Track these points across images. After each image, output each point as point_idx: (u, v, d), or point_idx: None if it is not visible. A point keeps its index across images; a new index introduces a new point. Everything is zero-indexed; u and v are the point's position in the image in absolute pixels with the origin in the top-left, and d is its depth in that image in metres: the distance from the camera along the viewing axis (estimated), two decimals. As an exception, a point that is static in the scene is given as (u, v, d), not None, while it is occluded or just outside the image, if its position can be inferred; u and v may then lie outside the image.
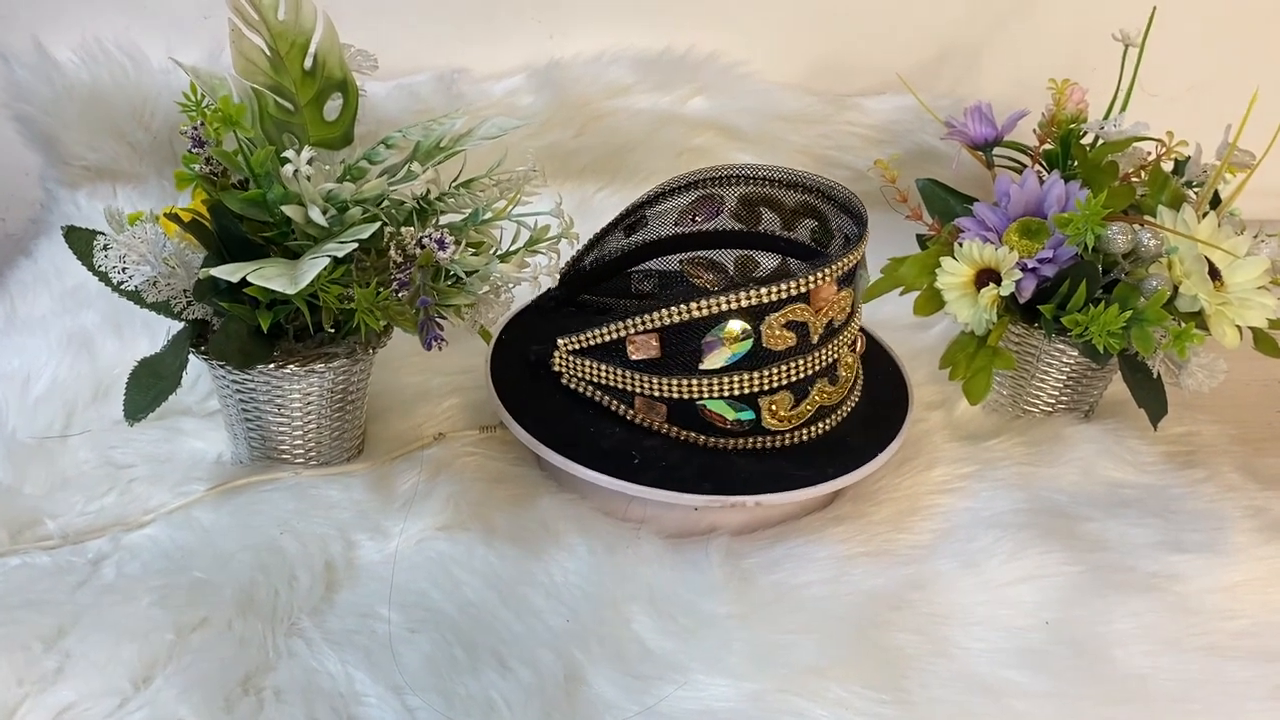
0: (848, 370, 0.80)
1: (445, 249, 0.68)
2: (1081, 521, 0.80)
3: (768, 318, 0.74)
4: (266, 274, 0.64)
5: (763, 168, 0.87)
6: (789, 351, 0.75)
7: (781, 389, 0.76)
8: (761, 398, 0.76)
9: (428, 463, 0.81)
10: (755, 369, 0.75)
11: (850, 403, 0.82)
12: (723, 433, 0.77)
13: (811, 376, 0.77)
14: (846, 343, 0.79)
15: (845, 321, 0.79)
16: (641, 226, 0.89)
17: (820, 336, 0.76)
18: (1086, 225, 0.78)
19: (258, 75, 0.71)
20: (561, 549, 0.75)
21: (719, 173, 0.87)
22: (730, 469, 0.77)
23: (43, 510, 0.74)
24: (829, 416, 0.80)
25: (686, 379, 0.76)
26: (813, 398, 0.78)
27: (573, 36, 1.15)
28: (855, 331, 0.81)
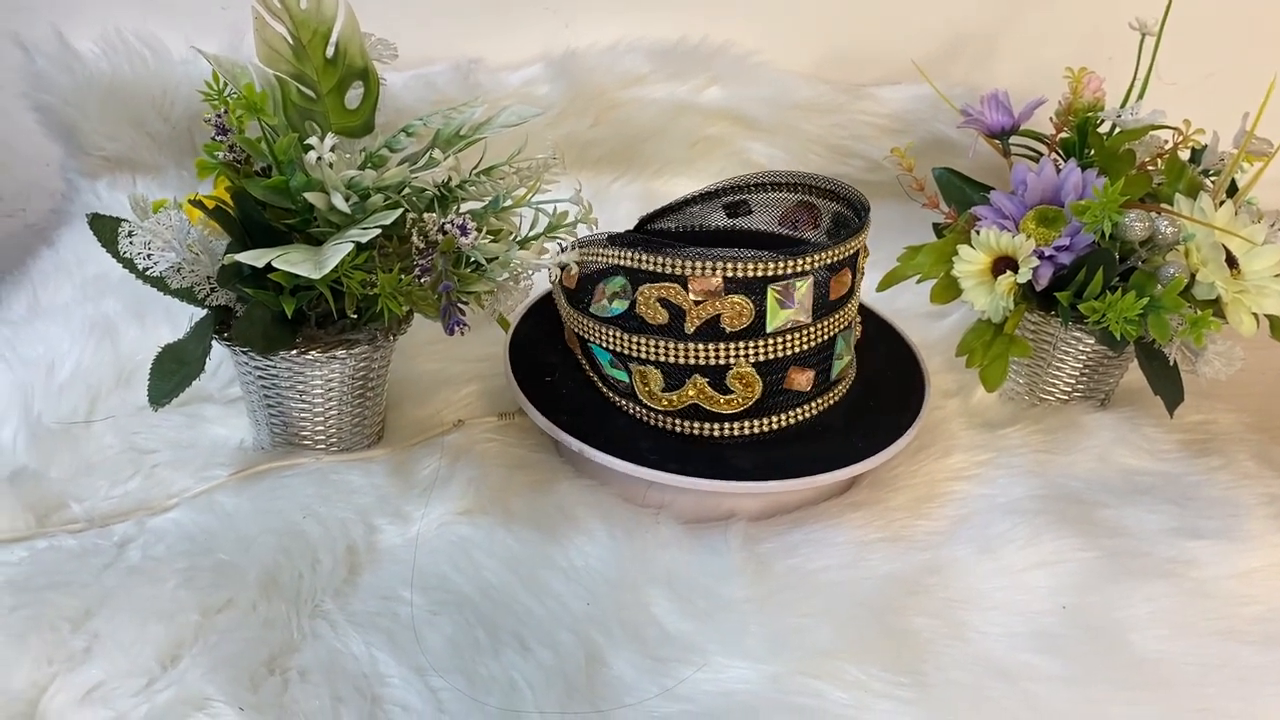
0: (747, 388, 0.77)
1: (467, 234, 0.69)
2: (1097, 508, 0.80)
3: (643, 286, 0.75)
4: (291, 259, 0.64)
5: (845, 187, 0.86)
6: (660, 329, 0.76)
7: (650, 364, 0.77)
8: (632, 363, 0.78)
9: (448, 449, 0.81)
10: (629, 332, 0.77)
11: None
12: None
13: (686, 367, 0.76)
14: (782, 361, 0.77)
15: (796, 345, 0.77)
16: (744, 213, 0.88)
17: (699, 330, 0.74)
18: (1104, 213, 0.78)
19: (280, 63, 0.72)
20: (581, 533, 0.75)
21: (818, 182, 0.87)
22: (751, 454, 0.77)
23: (68, 494, 0.75)
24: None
25: (582, 317, 0.80)
26: (687, 390, 0.77)
27: (588, 26, 1.16)
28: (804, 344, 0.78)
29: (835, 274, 0.77)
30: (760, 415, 0.78)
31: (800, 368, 0.78)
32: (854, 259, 0.79)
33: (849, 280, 0.79)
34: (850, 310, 0.81)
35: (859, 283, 0.81)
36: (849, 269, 0.79)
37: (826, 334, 0.78)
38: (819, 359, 0.79)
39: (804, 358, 0.77)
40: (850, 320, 0.81)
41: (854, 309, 0.82)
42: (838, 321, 0.79)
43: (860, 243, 0.79)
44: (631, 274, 0.76)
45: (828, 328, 0.78)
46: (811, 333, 0.77)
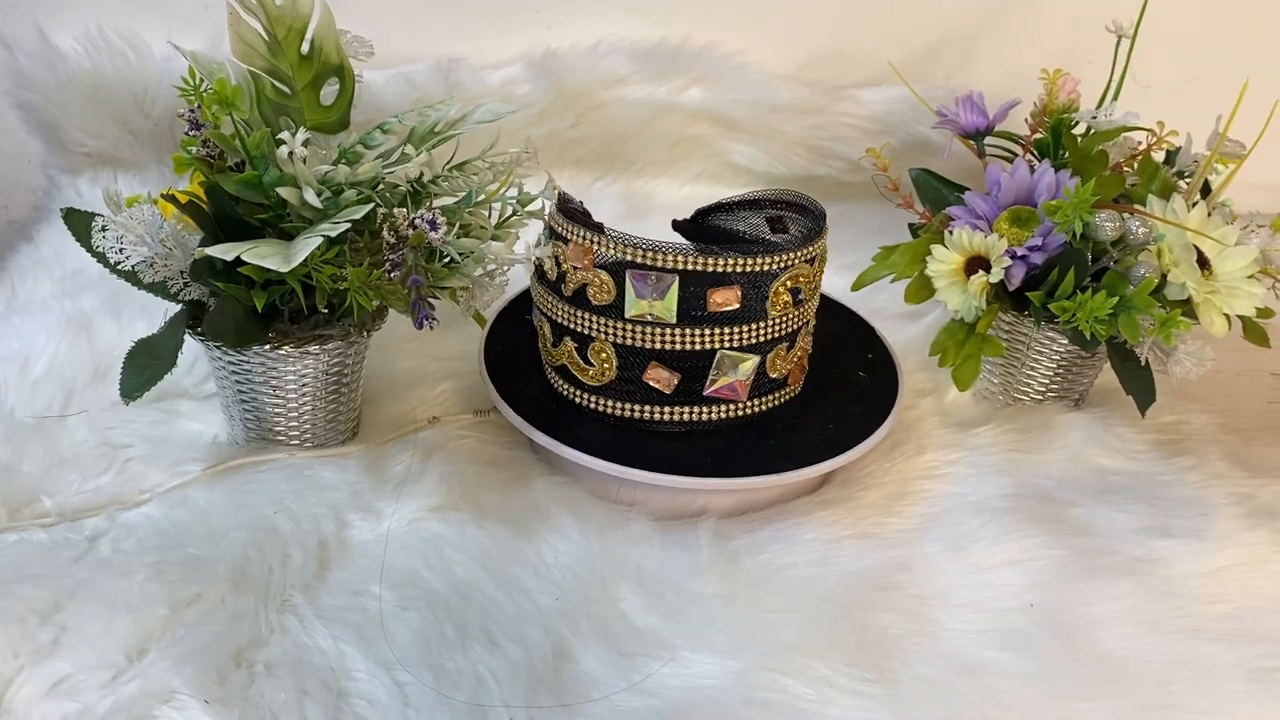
0: (605, 365, 0.78)
1: (437, 229, 0.69)
2: (1068, 506, 0.80)
3: (553, 242, 0.78)
4: (261, 253, 0.65)
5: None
6: (549, 284, 0.80)
7: (544, 316, 0.81)
8: (534, 314, 0.83)
9: (421, 445, 0.82)
10: (539, 283, 0.81)
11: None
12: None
13: (560, 327, 0.80)
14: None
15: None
16: (783, 230, 0.88)
17: (574, 294, 0.77)
18: (1075, 212, 0.78)
19: (255, 59, 0.72)
20: (552, 530, 0.76)
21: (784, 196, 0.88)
22: (724, 451, 0.78)
23: (41, 488, 0.75)
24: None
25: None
26: (562, 349, 0.80)
27: (570, 26, 1.16)
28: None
29: (718, 286, 0.75)
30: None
31: (662, 366, 0.77)
32: (753, 279, 0.76)
33: (736, 298, 0.76)
34: (757, 331, 0.77)
35: (776, 308, 0.77)
36: (739, 287, 0.75)
37: (699, 344, 0.76)
38: (688, 366, 0.77)
39: (667, 358, 0.77)
40: (760, 343, 0.78)
41: (765, 331, 0.78)
42: (725, 338, 0.77)
43: (742, 265, 0.75)
44: (550, 232, 0.79)
45: (702, 338, 0.76)
46: (676, 336, 0.76)
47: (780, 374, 0.81)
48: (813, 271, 0.79)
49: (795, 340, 0.81)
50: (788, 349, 0.80)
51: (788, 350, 0.80)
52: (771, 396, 0.81)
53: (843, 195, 1.22)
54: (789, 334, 0.80)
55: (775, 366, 0.80)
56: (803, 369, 0.84)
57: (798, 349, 0.82)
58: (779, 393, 0.82)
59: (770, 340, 0.78)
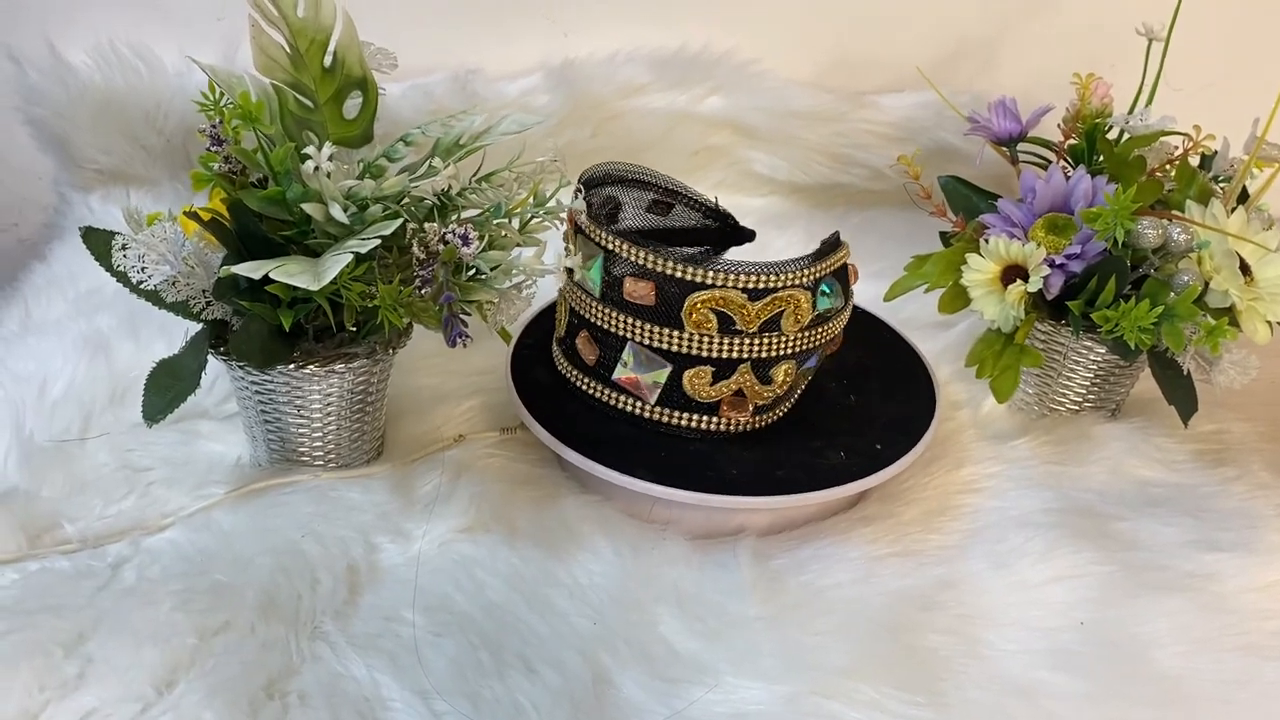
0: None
1: (469, 244, 0.67)
2: (1112, 520, 0.79)
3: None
4: (289, 270, 0.63)
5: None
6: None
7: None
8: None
9: (449, 465, 0.80)
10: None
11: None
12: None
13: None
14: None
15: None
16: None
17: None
18: (1116, 220, 0.77)
19: (277, 72, 0.70)
20: (585, 550, 0.74)
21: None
22: (760, 467, 0.76)
23: (61, 514, 0.73)
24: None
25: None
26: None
27: (587, 35, 1.15)
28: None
29: (634, 276, 0.74)
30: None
31: (589, 337, 0.79)
32: (667, 281, 0.73)
33: (650, 295, 0.74)
34: (671, 339, 0.75)
35: (692, 324, 0.74)
36: (654, 284, 0.74)
37: (613, 326, 0.76)
38: (605, 344, 0.78)
39: (591, 330, 0.79)
40: (673, 353, 0.75)
41: (681, 343, 0.75)
42: (638, 330, 0.75)
43: (656, 263, 0.73)
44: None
45: (616, 322, 0.76)
46: (598, 310, 0.77)
47: (703, 398, 0.76)
48: (755, 310, 0.73)
49: (730, 372, 0.76)
50: (716, 375, 0.75)
51: (717, 377, 0.76)
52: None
53: (867, 203, 1.21)
54: (716, 360, 0.75)
55: (696, 388, 0.76)
56: (745, 409, 0.77)
57: (737, 382, 0.76)
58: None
59: (686, 356, 0.75)
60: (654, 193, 0.89)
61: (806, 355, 0.78)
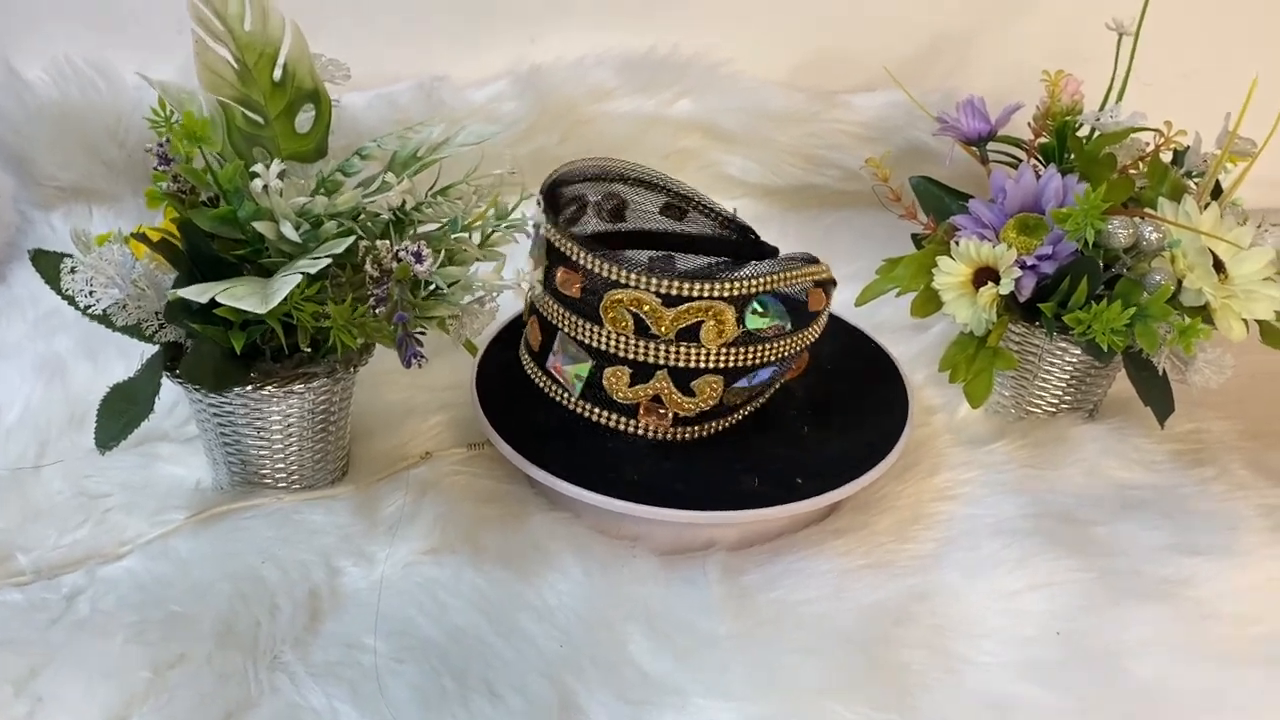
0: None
1: (423, 262, 0.66)
2: (1089, 525, 0.77)
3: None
4: (237, 294, 0.61)
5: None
6: None
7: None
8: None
9: (414, 483, 0.78)
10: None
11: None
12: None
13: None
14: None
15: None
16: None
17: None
18: (1086, 220, 0.75)
19: (225, 88, 0.69)
20: (554, 570, 0.72)
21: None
22: (728, 481, 0.74)
23: (14, 544, 0.71)
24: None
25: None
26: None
27: (553, 39, 1.13)
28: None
29: (563, 266, 0.74)
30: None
31: (537, 322, 0.79)
32: (589, 276, 0.73)
33: (576, 288, 0.74)
34: (592, 334, 0.74)
35: (609, 322, 0.73)
36: (581, 277, 0.73)
37: (550, 314, 0.77)
38: (547, 331, 0.78)
39: (538, 317, 0.79)
40: (593, 349, 0.75)
41: (600, 339, 0.74)
42: (567, 322, 0.75)
43: (581, 256, 0.73)
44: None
45: (551, 311, 0.77)
46: (543, 297, 0.77)
47: (621, 398, 0.75)
48: (670, 317, 0.71)
49: (648, 377, 0.74)
50: (634, 378, 0.74)
51: (635, 380, 0.74)
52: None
53: (840, 203, 1.20)
54: (632, 362, 0.74)
55: (614, 387, 0.75)
56: (665, 417, 0.76)
57: (655, 388, 0.74)
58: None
59: (605, 353, 0.74)
60: (666, 196, 0.86)
61: (736, 373, 0.75)
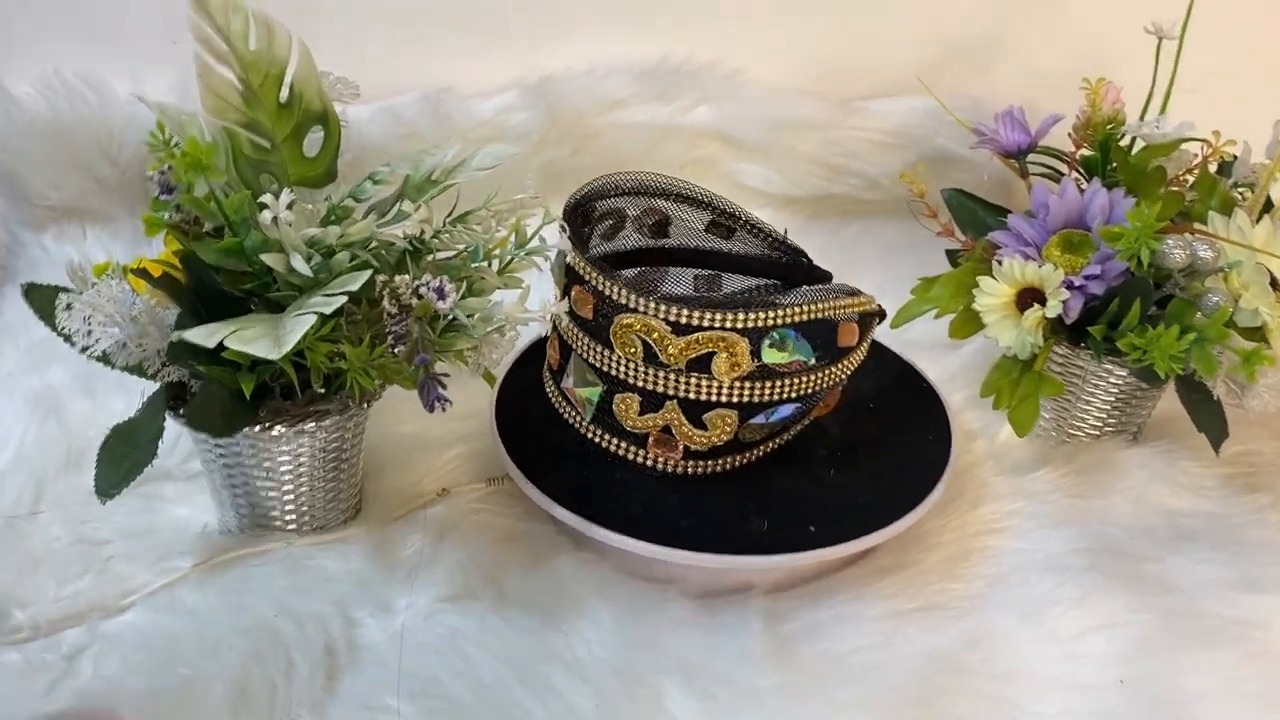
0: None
1: (445, 298, 0.62)
2: (1144, 561, 0.73)
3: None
4: (246, 336, 0.57)
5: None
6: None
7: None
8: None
9: (432, 523, 0.74)
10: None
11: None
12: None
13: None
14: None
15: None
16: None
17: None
18: (1140, 240, 0.71)
19: (230, 113, 0.64)
20: (582, 617, 0.68)
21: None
22: (738, 521, 0.70)
23: (11, 598, 0.67)
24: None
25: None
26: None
27: (563, 49, 1.08)
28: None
29: (578, 285, 0.72)
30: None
31: (556, 343, 0.77)
32: (600, 297, 0.70)
33: (589, 309, 0.71)
34: (605, 358, 0.71)
35: (619, 346, 0.70)
36: (593, 299, 0.70)
37: (570, 336, 0.74)
38: (565, 352, 0.75)
39: (560, 334, 0.76)
40: (605, 373, 0.72)
41: (612, 364, 0.71)
42: (581, 343, 0.73)
43: (593, 276, 0.70)
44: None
45: (570, 332, 0.74)
46: (562, 317, 0.73)
47: (630, 427, 0.72)
48: (680, 346, 0.68)
49: (657, 406, 0.70)
50: (644, 406, 0.71)
51: (644, 409, 0.71)
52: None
53: (862, 213, 1.16)
54: (642, 390, 0.70)
55: (623, 414, 0.72)
56: (675, 449, 0.72)
57: (665, 419, 0.71)
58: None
59: (615, 379, 0.71)
60: (711, 213, 0.82)
61: (751, 409, 0.70)
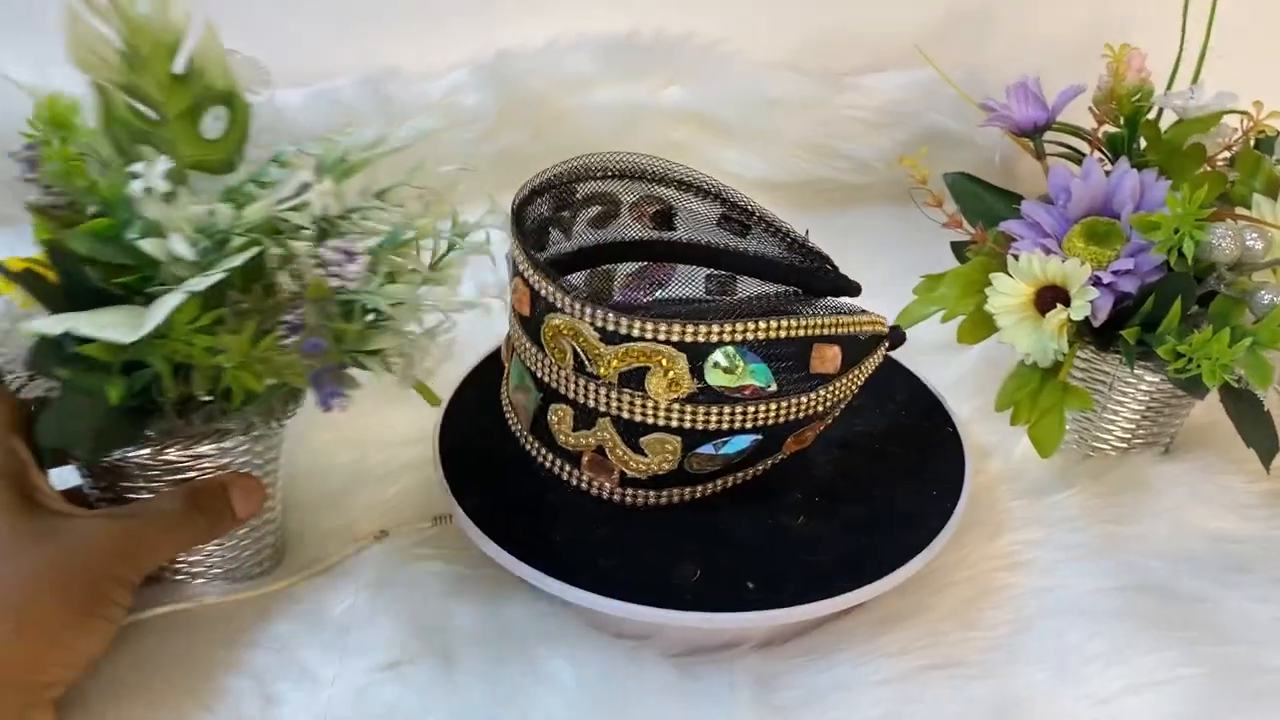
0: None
1: (354, 261, 0.51)
2: (1190, 601, 0.64)
3: None
4: (101, 322, 0.47)
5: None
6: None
7: None
8: None
9: (367, 572, 0.64)
10: None
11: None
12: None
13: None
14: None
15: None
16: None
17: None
18: (1185, 229, 0.62)
19: (104, 69, 0.53)
20: (545, 684, 0.58)
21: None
22: (664, 565, 0.60)
23: None
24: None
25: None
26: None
27: (521, 22, 0.98)
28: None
29: (516, 276, 0.62)
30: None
31: (508, 341, 0.68)
32: (530, 287, 0.60)
33: (526, 301, 0.61)
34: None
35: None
36: (528, 289, 0.60)
37: (513, 331, 0.65)
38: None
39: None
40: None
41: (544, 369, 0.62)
42: (519, 339, 0.63)
43: (518, 254, 0.61)
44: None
45: (514, 325, 0.64)
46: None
47: (563, 443, 0.62)
48: (610, 356, 0.57)
49: (590, 423, 0.60)
50: (576, 421, 0.61)
51: (578, 423, 0.61)
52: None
53: (852, 200, 1.06)
54: (574, 403, 0.61)
55: (557, 427, 0.62)
56: (610, 473, 0.62)
57: (598, 438, 0.61)
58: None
59: (548, 387, 0.62)
60: (721, 206, 0.71)
61: (697, 436, 0.59)
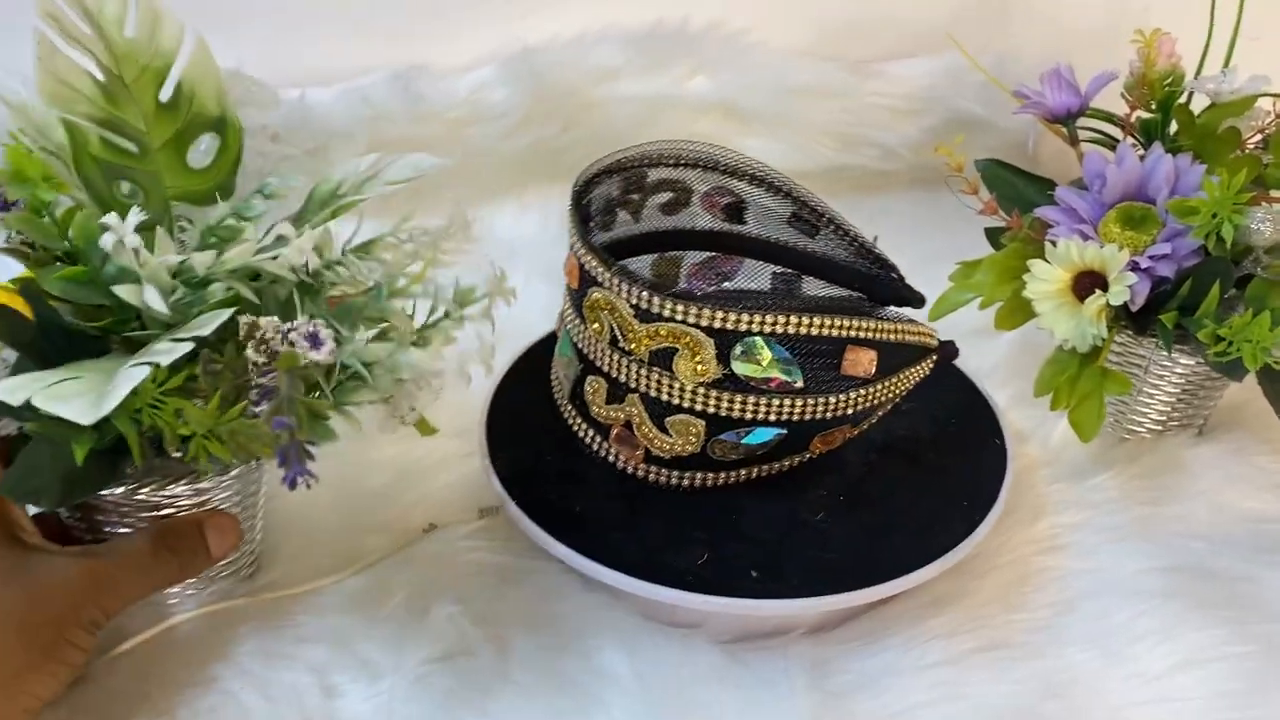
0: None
1: (320, 347, 0.49)
2: (1232, 580, 0.65)
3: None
4: (62, 392, 0.45)
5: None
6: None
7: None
8: None
9: (417, 565, 0.65)
10: None
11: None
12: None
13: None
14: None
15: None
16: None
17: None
18: (1223, 212, 0.62)
19: (77, 103, 0.52)
20: (599, 675, 0.59)
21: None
22: (673, 545, 0.61)
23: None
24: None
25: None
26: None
27: (547, 16, 0.98)
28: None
29: (571, 253, 0.64)
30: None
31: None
32: (580, 262, 0.62)
33: (576, 274, 0.63)
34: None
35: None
36: (577, 263, 0.63)
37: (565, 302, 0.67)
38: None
39: None
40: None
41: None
42: (568, 311, 0.66)
43: (573, 233, 0.63)
44: None
45: (566, 297, 0.67)
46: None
47: (595, 415, 0.64)
48: (642, 333, 0.59)
49: (621, 397, 0.62)
50: (609, 395, 0.63)
51: (610, 397, 0.63)
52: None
53: (878, 186, 1.06)
54: (608, 376, 0.63)
55: (591, 398, 0.64)
56: (636, 449, 0.63)
57: (627, 412, 0.62)
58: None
59: (587, 358, 0.64)
60: (793, 204, 0.70)
61: (721, 422, 0.60)
